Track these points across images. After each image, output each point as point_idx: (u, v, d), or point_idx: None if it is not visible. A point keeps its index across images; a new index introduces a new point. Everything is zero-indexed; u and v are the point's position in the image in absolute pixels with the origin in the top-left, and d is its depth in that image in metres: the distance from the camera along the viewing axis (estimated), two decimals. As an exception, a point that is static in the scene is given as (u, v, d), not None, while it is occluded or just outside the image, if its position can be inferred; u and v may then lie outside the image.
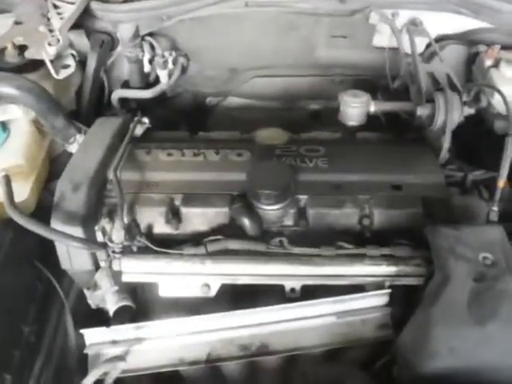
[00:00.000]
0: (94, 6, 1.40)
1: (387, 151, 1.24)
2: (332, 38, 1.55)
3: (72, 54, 1.36)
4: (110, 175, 1.11)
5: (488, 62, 1.35)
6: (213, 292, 1.02)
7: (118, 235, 1.02)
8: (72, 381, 1.00)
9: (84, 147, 1.20)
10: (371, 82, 1.56)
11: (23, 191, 1.13)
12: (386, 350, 0.99)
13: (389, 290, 1.00)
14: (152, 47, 1.50)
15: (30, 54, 1.27)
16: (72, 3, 1.36)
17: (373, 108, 1.32)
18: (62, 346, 1.13)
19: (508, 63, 1.31)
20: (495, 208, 1.04)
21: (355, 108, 1.31)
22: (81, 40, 1.43)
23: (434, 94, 1.24)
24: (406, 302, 1.02)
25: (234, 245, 1.03)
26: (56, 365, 1.11)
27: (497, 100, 1.25)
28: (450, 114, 1.19)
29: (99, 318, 1.08)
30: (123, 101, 1.53)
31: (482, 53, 1.39)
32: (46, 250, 1.12)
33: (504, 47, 1.37)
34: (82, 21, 1.42)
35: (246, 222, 1.05)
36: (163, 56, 1.48)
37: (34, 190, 1.17)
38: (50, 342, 1.13)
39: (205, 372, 1.04)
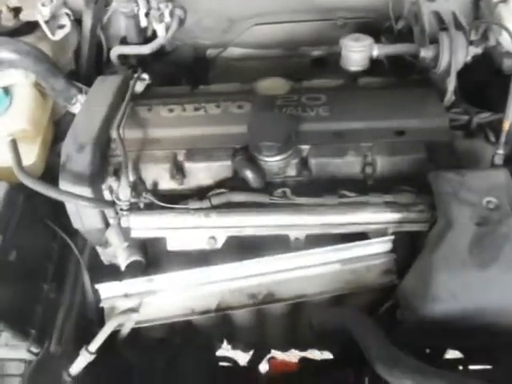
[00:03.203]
0: None
1: (390, 96, 1.16)
2: None
3: (66, 14, 1.28)
4: (114, 134, 1.07)
5: (496, -3, 1.22)
6: (219, 244, 1.00)
7: (124, 193, 0.99)
8: (92, 331, 1.01)
9: (86, 107, 1.15)
10: (375, 25, 1.44)
11: (30, 155, 1.10)
12: (390, 295, 0.97)
13: (392, 237, 0.96)
14: (147, 0, 1.40)
15: (24, 16, 1.20)
16: (63, -39, 1.26)
17: (376, 52, 1.22)
18: (80, 300, 1.14)
19: (517, -3, 1.19)
20: (500, 151, 0.97)
21: (357, 52, 1.21)
22: (74, -1, 1.34)
23: (439, 33, 1.13)
24: (409, 248, 0.99)
25: (237, 197, 1.00)
26: (76, 317, 1.12)
27: (505, 38, 1.14)
28: (455, 54, 1.09)
29: (115, 272, 1.07)
30: (123, 58, 1.45)
31: (490, -13, 1.25)
32: (58, 211, 1.10)
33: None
34: None
35: (249, 174, 1.00)
36: (159, 9, 1.38)
37: (40, 153, 1.13)
38: (69, 297, 1.14)
39: (215, 320, 1.04)
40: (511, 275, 0.82)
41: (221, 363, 1.53)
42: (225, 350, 1.71)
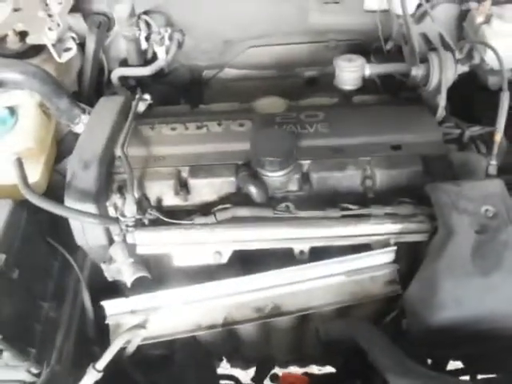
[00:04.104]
0: None
1: (384, 112, 1.18)
2: (324, 3, 1.47)
3: (72, 37, 1.30)
4: (118, 152, 1.07)
5: (479, 19, 1.27)
6: (225, 259, 0.99)
7: (129, 209, 0.98)
8: (91, 351, 0.98)
9: (90, 127, 1.15)
10: (365, 46, 1.49)
11: (35, 173, 1.09)
12: (394, 305, 0.97)
13: (394, 247, 0.97)
14: (148, 25, 1.42)
15: (31, 40, 1.21)
16: (69, -13, 1.28)
17: (368, 71, 1.25)
18: (80, 319, 1.11)
19: (499, 18, 1.23)
20: (494, 162, 1.00)
21: (350, 72, 1.24)
22: (78, 23, 1.36)
23: (428, 54, 1.17)
24: (411, 258, 0.99)
25: (242, 212, 0.99)
26: (75, 337, 1.09)
27: (489, 56, 1.18)
28: (444, 72, 1.13)
29: (114, 289, 1.06)
30: (123, 79, 1.46)
31: (472, 10, 1.30)
32: (58, 228, 1.09)
33: (494, 2, 1.29)
34: (78, 4, 1.35)
35: (252, 189, 1.00)
36: (159, 33, 1.41)
37: (44, 172, 1.13)
38: (68, 315, 1.11)
39: (221, 335, 1.02)
40: (512, 281, 0.82)
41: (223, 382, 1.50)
42: (223, 368, 1.67)
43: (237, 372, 1.69)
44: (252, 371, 1.57)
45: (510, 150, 1.11)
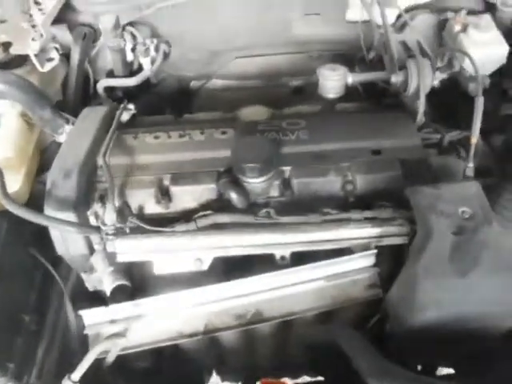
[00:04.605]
0: None
1: (365, 119, 1.20)
2: (305, 15, 1.49)
3: (55, 48, 1.31)
4: (100, 161, 1.07)
5: (457, 28, 1.30)
6: (205, 266, 0.99)
7: (110, 217, 0.98)
8: (75, 364, 0.96)
9: (73, 136, 1.15)
10: (348, 56, 1.51)
11: (14, 183, 1.09)
12: (376, 309, 0.97)
13: (375, 251, 0.97)
14: (133, 36, 1.44)
15: (15, 50, 1.22)
16: (52, -2, 1.30)
17: (350, 80, 1.27)
18: (63, 332, 1.09)
19: (475, 28, 1.26)
20: (471, 164, 1.01)
21: (334, 81, 1.26)
22: (64, 34, 1.38)
23: (406, 61, 1.19)
24: (392, 262, 0.99)
25: (223, 218, 0.99)
26: (59, 351, 1.07)
27: (467, 63, 1.20)
28: (423, 78, 1.15)
29: (101, 300, 1.04)
30: (109, 90, 1.47)
31: (450, 19, 1.34)
32: (42, 239, 1.08)
33: (470, 12, 1.32)
34: (64, 15, 1.37)
35: (234, 195, 1.01)
36: (145, 44, 1.42)
37: (25, 182, 1.13)
38: (51, 328, 1.09)
39: (203, 343, 1.01)
40: (490, 280, 0.83)
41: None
42: (214, 383, 1.65)
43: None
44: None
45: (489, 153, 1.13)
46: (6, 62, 1.23)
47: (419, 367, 1.09)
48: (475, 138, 1.00)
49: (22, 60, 1.25)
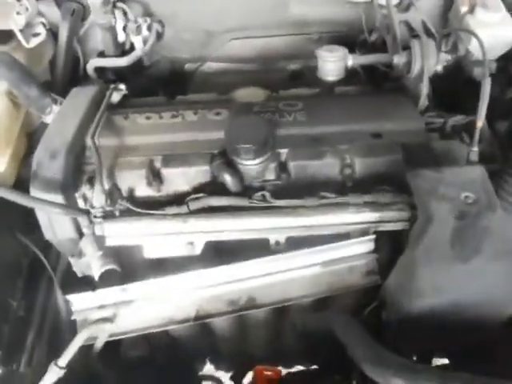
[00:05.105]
0: None
1: (365, 102, 1.17)
2: None
3: (42, 23, 1.27)
4: (88, 142, 1.03)
5: (463, 9, 1.25)
6: (197, 250, 0.96)
7: (98, 199, 0.95)
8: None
9: (60, 116, 1.12)
10: (349, 38, 1.46)
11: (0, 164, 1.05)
12: (374, 296, 0.94)
13: (373, 236, 0.94)
14: (125, 14, 1.39)
15: None
16: (39, -28, 1.25)
17: (350, 62, 1.23)
18: (53, 319, 1.07)
19: (483, 8, 1.22)
20: (475, 148, 0.97)
21: (333, 62, 1.22)
22: (51, 10, 1.32)
23: (410, 41, 1.16)
24: (391, 249, 0.97)
25: (216, 201, 0.96)
26: (48, 338, 1.05)
27: (474, 46, 1.17)
28: (427, 59, 1.12)
29: (91, 285, 1.01)
30: (100, 71, 1.43)
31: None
32: (31, 224, 1.04)
33: (478, -7, 1.28)
34: None
35: (228, 178, 0.97)
36: (136, 21, 1.37)
37: (10, 164, 1.09)
38: (40, 315, 1.07)
39: (195, 330, 0.98)
40: (492, 267, 0.80)
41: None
42: (208, 371, 1.63)
43: (221, 374, 1.65)
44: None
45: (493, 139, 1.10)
46: (-9, 38, 1.18)
47: (414, 358, 1.08)
48: (481, 121, 0.97)
49: (7, 36, 1.20)
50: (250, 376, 1.37)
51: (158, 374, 1.23)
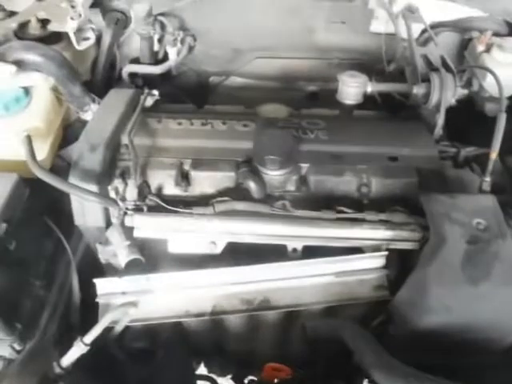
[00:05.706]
0: None
1: (383, 126, 1.21)
2: (331, 23, 1.51)
3: (92, 28, 1.34)
4: (124, 140, 1.08)
5: (480, 48, 1.32)
6: (219, 249, 0.99)
7: (131, 193, 0.99)
8: (71, 336, 0.96)
9: (100, 114, 1.17)
10: (367, 66, 1.52)
11: (41, 153, 1.09)
12: (381, 310, 0.97)
13: (385, 253, 0.97)
14: (162, 27, 1.46)
15: (53, 27, 1.26)
16: (92, -19, 1.33)
17: (370, 88, 1.28)
18: (66, 302, 1.09)
19: (499, 48, 1.28)
20: (487, 178, 1.01)
21: (353, 87, 1.27)
22: (96, 18, 1.39)
23: (430, 73, 1.21)
24: (400, 267, 1.00)
25: (240, 206, 1.00)
26: (59, 319, 1.07)
27: (488, 83, 1.22)
28: (445, 92, 1.16)
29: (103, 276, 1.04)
30: (132, 77, 1.49)
31: (474, 38, 1.35)
32: (57, 211, 1.09)
33: (495, 34, 1.34)
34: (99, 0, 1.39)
35: (252, 185, 1.01)
36: (173, 34, 1.44)
37: (49, 153, 1.14)
38: (56, 297, 1.09)
39: (207, 325, 1.01)
40: (501, 292, 0.83)
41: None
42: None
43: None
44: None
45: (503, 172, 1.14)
46: (43, 37, 1.25)
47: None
48: (495, 153, 1.01)
49: (58, 37, 1.27)
50: (250, 377, 1.38)
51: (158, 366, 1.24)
